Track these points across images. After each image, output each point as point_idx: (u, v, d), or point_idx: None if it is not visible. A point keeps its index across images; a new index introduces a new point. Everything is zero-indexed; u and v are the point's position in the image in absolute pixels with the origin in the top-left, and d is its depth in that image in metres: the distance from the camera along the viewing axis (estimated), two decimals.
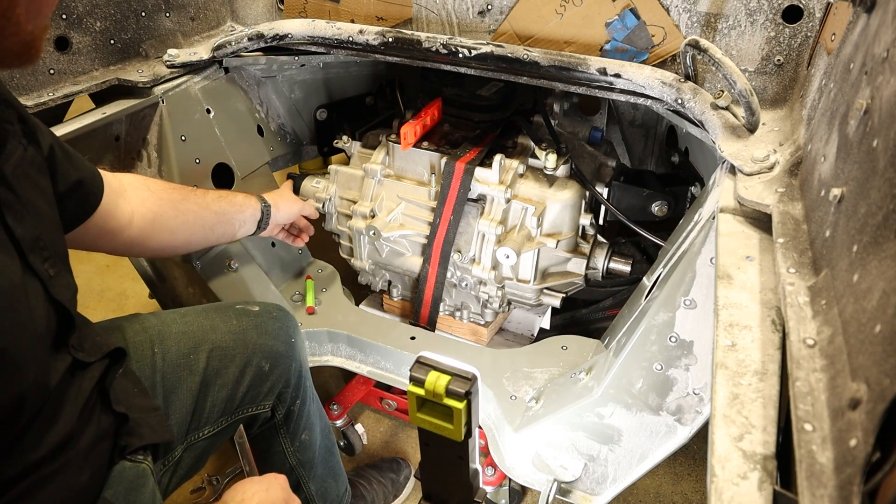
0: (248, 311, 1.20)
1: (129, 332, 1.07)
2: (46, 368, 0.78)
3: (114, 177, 1.08)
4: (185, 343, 1.10)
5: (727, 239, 0.86)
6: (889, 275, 0.49)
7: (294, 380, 1.22)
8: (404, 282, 1.67)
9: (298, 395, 1.24)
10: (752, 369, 0.65)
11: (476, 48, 1.22)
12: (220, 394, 1.11)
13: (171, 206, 1.17)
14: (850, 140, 0.67)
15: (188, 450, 1.09)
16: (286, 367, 1.20)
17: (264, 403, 1.18)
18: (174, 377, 1.07)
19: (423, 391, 0.94)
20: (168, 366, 1.06)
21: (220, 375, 1.11)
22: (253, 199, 1.34)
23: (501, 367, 1.41)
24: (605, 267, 1.49)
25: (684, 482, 1.70)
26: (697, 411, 1.10)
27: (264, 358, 1.16)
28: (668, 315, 1.06)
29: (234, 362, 1.13)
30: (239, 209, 1.30)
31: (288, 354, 1.20)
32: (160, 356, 1.06)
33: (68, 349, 0.85)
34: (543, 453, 1.27)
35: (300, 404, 1.25)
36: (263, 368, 1.15)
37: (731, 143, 1.02)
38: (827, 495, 0.45)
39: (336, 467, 1.39)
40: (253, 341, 1.15)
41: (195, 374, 1.08)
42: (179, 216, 1.18)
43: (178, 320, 1.12)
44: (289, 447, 1.26)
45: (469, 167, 1.43)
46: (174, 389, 1.06)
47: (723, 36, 1.16)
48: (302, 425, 1.27)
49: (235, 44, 1.42)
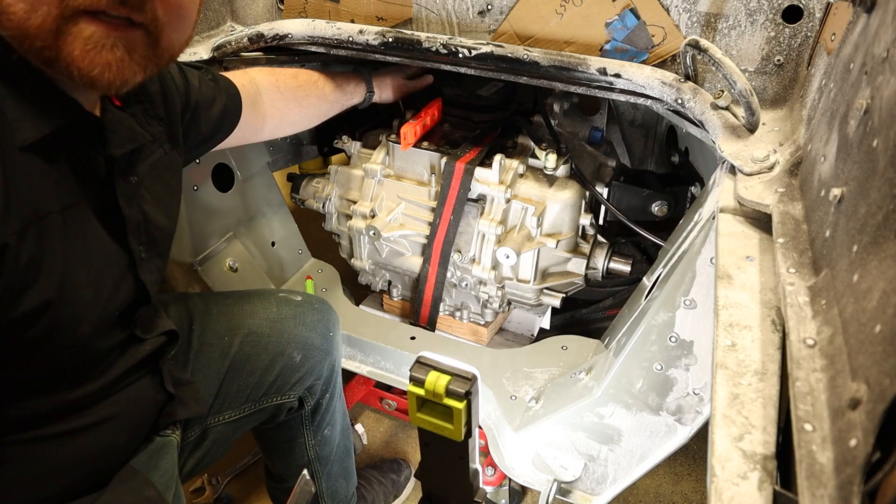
0: (290, 301, 1.22)
1: (173, 310, 1.11)
2: (102, 330, 0.85)
3: (250, 82, 1.24)
4: (222, 325, 1.13)
5: (727, 239, 0.86)
6: (889, 275, 0.49)
7: (326, 374, 1.23)
8: (404, 282, 1.67)
9: (328, 389, 1.25)
10: (752, 369, 0.65)
11: (476, 48, 1.22)
12: (247, 380, 1.13)
13: (296, 103, 1.34)
14: (850, 140, 0.67)
15: (206, 432, 1.10)
16: (320, 360, 1.20)
17: (290, 394, 1.19)
18: (205, 357, 1.10)
19: (423, 391, 0.94)
20: (202, 345, 1.10)
21: (249, 361, 1.13)
22: (361, 88, 1.48)
23: (501, 367, 1.41)
24: (605, 267, 1.49)
25: (684, 482, 1.70)
26: (697, 411, 1.10)
27: (297, 349, 1.17)
28: (668, 315, 1.06)
29: (266, 350, 1.15)
30: (349, 97, 1.46)
31: (324, 348, 1.21)
32: (197, 334, 1.10)
33: (130, 323, 0.91)
34: (543, 453, 1.27)
35: (329, 399, 1.26)
36: (295, 359, 1.16)
37: (731, 143, 1.02)
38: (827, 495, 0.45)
39: (350, 469, 1.40)
40: (289, 331, 1.17)
41: (226, 357, 1.11)
42: (302, 110, 1.36)
43: (220, 301, 1.17)
44: (311, 440, 1.27)
45: (469, 167, 1.43)
46: (203, 369, 1.09)
47: (723, 36, 1.16)
48: (327, 420, 1.28)
49: (235, 44, 1.41)
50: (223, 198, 1.54)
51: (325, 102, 1.40)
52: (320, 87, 1.39)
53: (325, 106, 1.41)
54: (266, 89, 1.28)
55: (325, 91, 1.40)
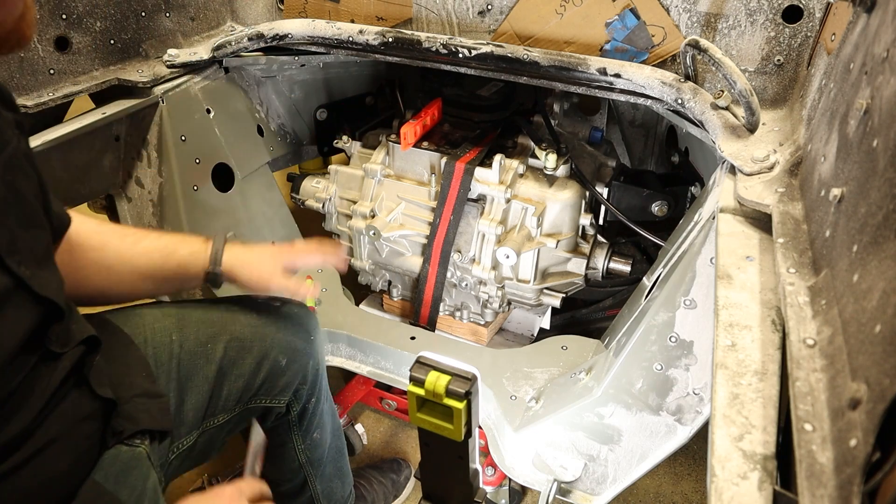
0: (271, 305, 1.21)
1: (149, 318, 1.08)
2: (12, 367, 0.78)
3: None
4: (203, 332, 1.11)
5: (727, 239, 0.86)
6: (889, 275, 0.49)
7: (311, 377, 1.23)
8: (404, 282, 1.67)
9: (314, 393, 1.25)
10: (752, 369, 0.65)
11: (476, 48, 1.22)
12: (236, 383, 1.12)
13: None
14: (850, 140, 0.67)
15: (203, 435, 1.10)
16: (303, 364, 1.20)
17: (280, 398, 1.19)
18: (190, 364, 1.08)
19: (423, 391, 0.94)
20: (185, 353, 1.08)
21: (236, 366, 1.12)
22: (201, 258, 1.11)
23: (501, 367, 1.41)
24: (605, 267, 1.49)
25: (684, 482, 1.70)
26: (697, 411, 1.10)
27: (282, 352, 1.16)
28: (668, 315, 1.06)
29: (251, 354, 1.13)
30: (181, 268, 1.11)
31: (306, 351, 1.20)
32: (178, 343, 1.07)
33: (43, 341, 0.83)
34: (543, 453, 1.27)
35: (315, 402, 1.26)
36: (280, 363, 1.16)
37: (731, 143, 1.02)
38: (827, 495, 0.45)
39: (344, 469, 1.40)
40: (272, 335, 1.16)
41: (212, 363, 1.09)
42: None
43: (198, 308, 1.14)
44: (300, 444, 1.27)
45: (469, 167, 1.43)
46: (190, 376, 1.07)
47: (723, 36, 1.16)
48: (315, 424, 1.27)
49: (235, 44, 1.42)
50: (223, 198, 1.54)
51: (129, 266, 1.07)
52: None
53: (127, 271, 1.07)
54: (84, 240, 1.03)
55: (137, 248, 1.08)
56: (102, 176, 1.39)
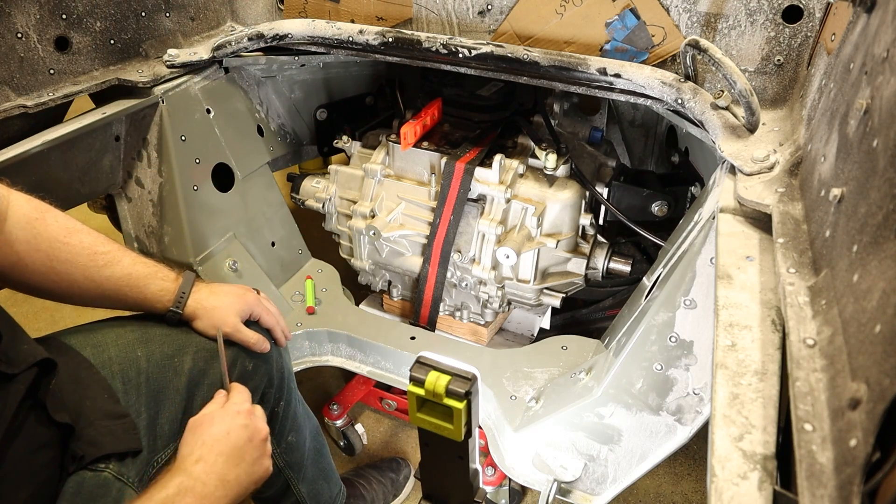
0: None
1: (111, 336, 1.06)
2: None
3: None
4: (169, 344, 1.09)
5: (727, 239, 0.86)
6: (889, 275, 0.49)
7: (276, 380, 1.22)
8: (404, 282, 1.67)
9: (282, 396, 1.24)
10: (752, 369, 0.65)
11: (476, 48, 1.22)
12: (209, 392, 1.11)
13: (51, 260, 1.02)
14: (850, 140, 0.67)
15: None
16: (268, 367, 1.20)
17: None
18: (160, 377, 1.07)
19: (423, 391, 0.94)
20: (153, 367, 1.06)
21: (206, 375, 1.11)
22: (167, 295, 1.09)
23: (501, 367, 1.41)
24: (605, 267, 1.49)
25: (684, 482, 1.70)
26: (697, 411, 1.10)
27: (247, 358, 1.16)
28: (668, 315, 1.06)
29: (218, 362, 1.12)
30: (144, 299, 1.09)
31: (268, 355, 1.20)
32: (145, 358, 1.06)
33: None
34: (543, 453, 1.27)
35: (284, 406, 1.25)
36: (247, 368, 1.16)
37: (731, 143, 1.02)
38: (827, 495, 0.45)
39: (327, 469, 1.39)
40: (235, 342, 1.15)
41: (181, 375, 1.08)
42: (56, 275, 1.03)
43: (160, 322, 1.12)
44: (275, 449, 1.26)
45: (469, 167, 1.43)
46: (161, 389, 1.06)
47: (723, 36, 1.16)
48: (287, 426, 1.27)
49: (235, 44, 1.42)
50: (223, 198, 1.54)
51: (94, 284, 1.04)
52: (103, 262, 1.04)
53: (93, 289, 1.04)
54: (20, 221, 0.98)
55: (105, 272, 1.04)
56: (102, 176, 1.39)
